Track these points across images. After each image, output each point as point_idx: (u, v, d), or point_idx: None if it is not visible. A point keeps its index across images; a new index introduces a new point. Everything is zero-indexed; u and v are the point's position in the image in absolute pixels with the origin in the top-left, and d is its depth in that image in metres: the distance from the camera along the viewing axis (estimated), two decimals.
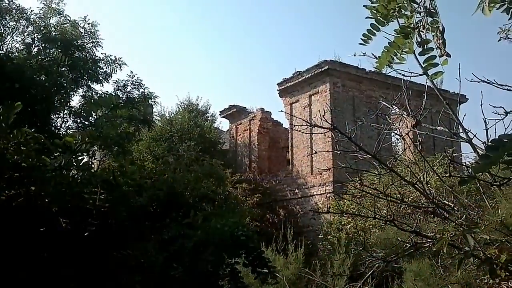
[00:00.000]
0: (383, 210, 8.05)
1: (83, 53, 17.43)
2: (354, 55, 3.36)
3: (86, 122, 16.71)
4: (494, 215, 3.76)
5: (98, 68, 17.65)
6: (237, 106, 28.20)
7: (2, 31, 16.60)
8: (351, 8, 56.53)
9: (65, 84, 16.11)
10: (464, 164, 6.83)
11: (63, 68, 16.28)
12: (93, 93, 17.82)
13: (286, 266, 12.40)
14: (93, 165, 4.66)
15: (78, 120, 17.21)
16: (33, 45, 16.90)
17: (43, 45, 16.83)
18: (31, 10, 17.12)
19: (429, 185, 4.65)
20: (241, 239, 5.25)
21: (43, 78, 15.26)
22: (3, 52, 16.13)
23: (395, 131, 6.22)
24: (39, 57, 15.71)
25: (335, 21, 62.60)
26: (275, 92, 24.63)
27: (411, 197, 10.14)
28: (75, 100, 28.06)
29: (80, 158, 4.25)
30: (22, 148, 3.93)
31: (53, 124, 16.55)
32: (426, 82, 3.10)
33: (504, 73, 48.74)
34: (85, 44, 17.61)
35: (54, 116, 16.60)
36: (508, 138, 1.75)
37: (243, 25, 68.19)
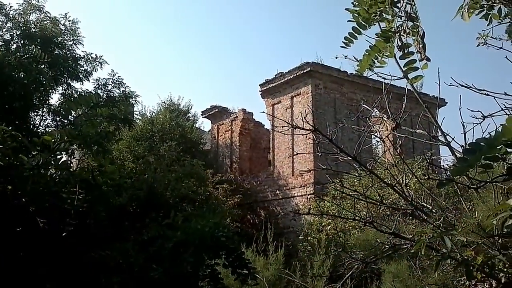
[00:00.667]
0: (362, 211, 8.10)
1: (63, 50, 17.17)
2: (336, 58, 3.38)
3: (65, 121, 16.48)
4: (471, 217, 3.81)
5: (79, 66, 17.40)
6: (219, 107, 28.14)
7: None
8: (333, 11, 56.93)
9: (44, 82, 15.86)
10: (443, 166, 6.93)
11: (43, 66, 16.03)
12: (73, 91, 17.56)
13: (266, 267, 12.40)
14: (72, 164, 4.60)
15: (57, 119, 16.96)
16: (12, 42, 16.60)
17: (22, 41, 16.55)
18: (10, 6, 16.82)
19: (408, 187, 4.70)
20: (222, 240, 5.25)
21: (22, 75, 15.01)
22: None
23: (376, 134, 6.29)
24: (18, 54, 15.43)
25: (318, 23, 62.98)
26: (257, 93, 24.67)
27: (390, 199, 10.25)
28: (55, 98, 27.63)
29: (58, 157, 4.19)
30: None
31: (32, 122, 16.28)
32: (406, 86, 3.14)
33: (484, 78, 49.58)
34: (65, 41, 17.35)
35: (33, 114, 16.34)
36: (485, 141, 1.78)
37: (226, 26, 68.18)
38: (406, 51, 2.85)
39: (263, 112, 27.86)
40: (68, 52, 17.32)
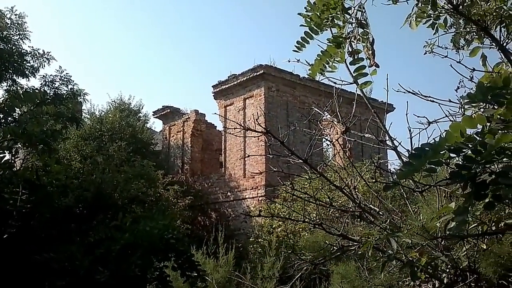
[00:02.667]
0: (312, 213, 8.22)
1: (9, 45, 16.55)
2: (289, 61, 3.42)
3: (9, 118, 15.86)
4: (416, 219, 3.93)
5: (25, 62, 16.79)
6: (171, 107, 27.83)
7: None
8: (288, 14, 57.57)
9: None
10: (390, 170, 7.12)
11: None
12: (18, 88, 16.95)
13: (216, 269, 12.34)
14: (15, 164, 4.43)
15: (1, 116, 16.30)
16: None
17: None
18: None
19: (356, 190, 4.81)
20: (171, 242, 5.18)
21: None
22: None
23: (326, 137, 6.39)
24: None
25: (272, 26, 63.44)
26: (210, 94, 24.58)
27: (340, 201, 10.43)
28: None
29: (1, 156, 4.04)
30: None
31: None
32: (356, 91, 3.20)
33: (430, 85, 51.36)
34: (11, 36, 16.72)
35: None
36: (430, 146, 1.84)
37: (179, 26, 67.59)
38: (356, 57, 2.91)
39: (215, 113, 27.77)
40: (13, 47, 16.69)
